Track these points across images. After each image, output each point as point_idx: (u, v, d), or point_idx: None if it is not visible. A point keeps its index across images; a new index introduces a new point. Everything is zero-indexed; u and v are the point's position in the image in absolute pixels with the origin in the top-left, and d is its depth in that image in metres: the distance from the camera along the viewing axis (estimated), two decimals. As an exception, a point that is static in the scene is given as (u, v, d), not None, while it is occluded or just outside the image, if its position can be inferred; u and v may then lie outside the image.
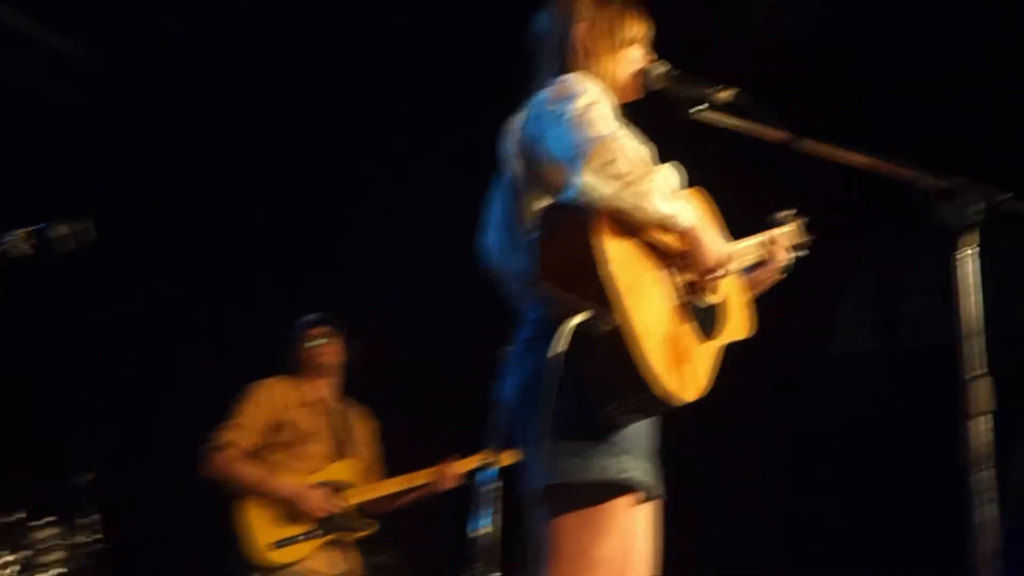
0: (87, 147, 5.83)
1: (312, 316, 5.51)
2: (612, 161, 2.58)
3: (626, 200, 2.60)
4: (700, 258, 2.80)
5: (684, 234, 2.77)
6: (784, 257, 3.28)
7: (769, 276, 3.27)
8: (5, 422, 5.44)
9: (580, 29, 2.90)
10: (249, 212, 6.15)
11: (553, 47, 2.94)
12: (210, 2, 5.46)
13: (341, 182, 6.09)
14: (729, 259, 2.84)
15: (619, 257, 2.63)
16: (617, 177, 2.58)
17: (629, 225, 2.69)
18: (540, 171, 2.80)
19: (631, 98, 2.99)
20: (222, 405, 5.25)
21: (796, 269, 3.35)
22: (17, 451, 5.19)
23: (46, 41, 5.24)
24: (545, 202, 2.79)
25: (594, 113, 2.63)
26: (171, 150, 5.93)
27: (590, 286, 2.58)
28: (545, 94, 2.78)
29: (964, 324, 2.48)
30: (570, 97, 2.69)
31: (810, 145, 2.78)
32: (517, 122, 2.88)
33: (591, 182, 2.58)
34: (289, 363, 5.47)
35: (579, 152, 2.60)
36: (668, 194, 2.67)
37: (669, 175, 2.74)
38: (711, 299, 2.94)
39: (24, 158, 5.64)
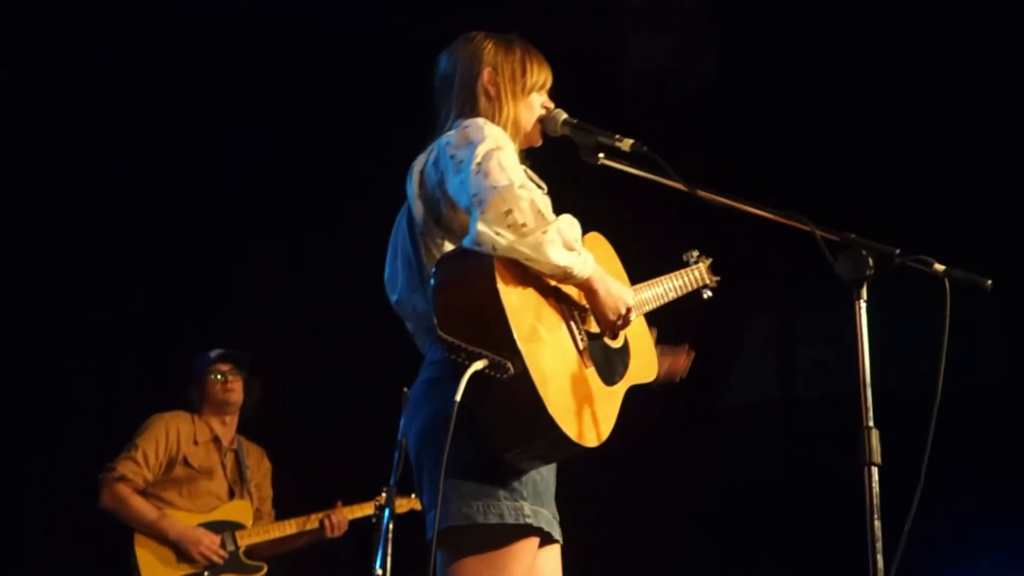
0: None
1: (216, 351, 5.46)
2: (509, 212, 2.58)
3: (521, 251, 2.61)
4: (598, 310, 2.81)
5: (580, 286, 2.78)
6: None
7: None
8: None
9: (484, 74, 2.92)
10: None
11: (457, 90, 2.94)
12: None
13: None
14: (627, 309, 2.84)
15: (516, 305, 2.63)
16: (513, 227, 2.58)
17: (527, 273, 2.69)
18: (441, 215, 2.80)
19: (533, 144, 3.01)
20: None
21: (695, 316, 3.36)
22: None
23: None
24: (446, 246, 2.80)
25: (494, 161, 2.64)
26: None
27: (488, 333, 2.58)
28: (447, 138, 2.78)
29: (859, 376, 2.51)
30: (471, 143, 2.70)
31: (706, 195, 2.81)
32: (420, 164, 2.88)
33: (486, 232, 2.59)
34: (190, 397, 5.42)
35: (476, 201, 2.61)
36: (569, 243, 2.67)
37: (570, 224, 2.75)
38: (613, 344, 2.94)
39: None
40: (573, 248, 2.68)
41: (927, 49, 5.33)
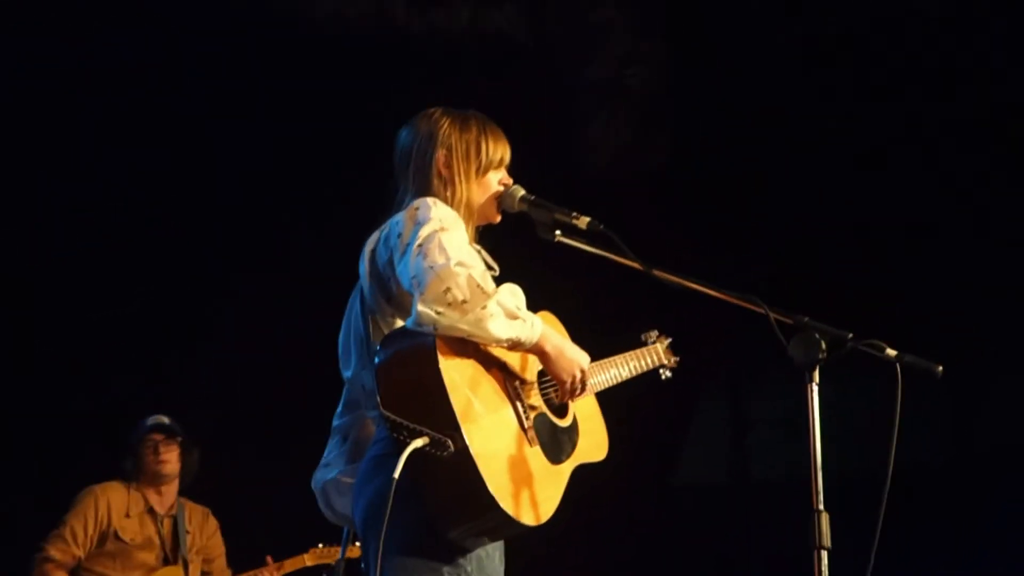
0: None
1: (152, 421, 5.40)
2: (447, 289, 2.60)
3: (462, 328, 2.62)
4: (552, 372, 2.81)
5: (532, 351, 2.78)
6: None
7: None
8: None
9: (439, 156, 2.92)
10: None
11: (412, 168, 2.95)
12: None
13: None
14: (582, 371, 2.83)
15: (458, 381, 2.63)
16: (453, 305, 2.60)
17: (471, 349, 2.71)
18: (391, 294, 2.81)
19: (490, 221, 3.01)
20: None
21: (648, 395, 3.36)
22: None
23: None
24: (397, 323, 2.80)
25: (434, 242, 2.66)
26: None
27: (429, 411, 2.58)
28: (398, 218, 2.80)
29: (810, 458, 2.51)
30: (417, 224, 2.72)
31: (661, 275, 2.82)
32: (372, 242, 2.89)
33: (426, 312, 2.60)
34: (125, 467, 5.36)
35: (415, 283, 2.63)
36: (511, 312, 2.67)
37: (512, 292, 2.76)
38: (561, 422, 2.94)
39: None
40: (517, 316, 2.69)
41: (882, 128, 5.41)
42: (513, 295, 2.74)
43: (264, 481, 5.87)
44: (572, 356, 2.82)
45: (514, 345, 2.72)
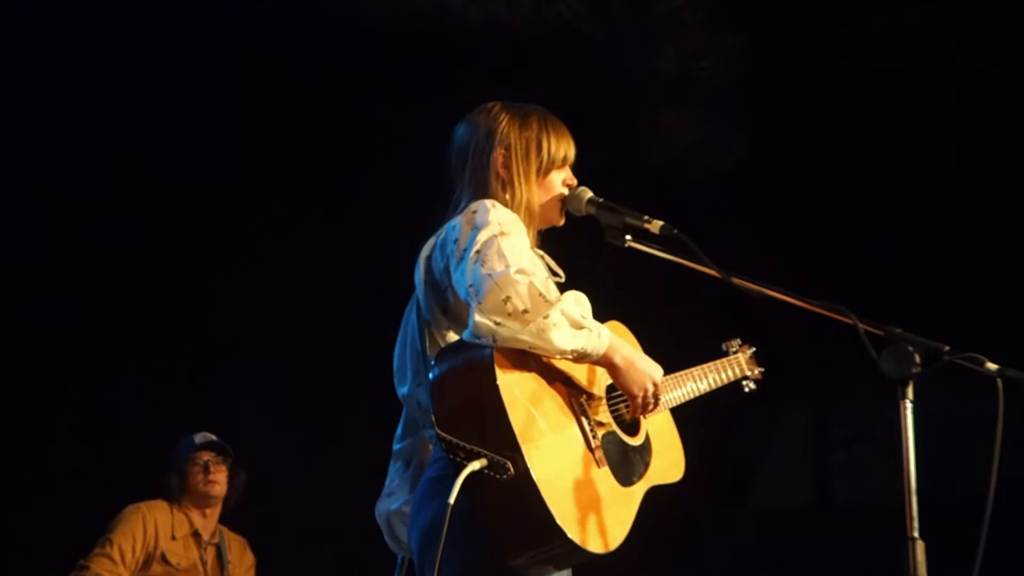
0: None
1: (201, 439, 5.40)
2: (507, 299, 2.57)
3: (524, 340, 2.59)
4: (622, 386, 2.78)
5: (600, 363, 2.75)
6: None
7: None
8: None
9: (496, 156, 2.91)
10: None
11: (469, 168, 2.95)
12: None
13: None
14: (654, 384, 2.80)
15: (518, 398, 2.61)
16: (513, 315, 2.57)
17: (533, 363, 2.68)
18: (448, 304, 2.80)
19: (554, 224, 3.00)
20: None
21: (725, 409, 3.32)
22: None
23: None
24: (451, 336, 2.79)
25: (493, 248, 2.64)
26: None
27: (487, 430, 2.56)
28: (454, 222, 2.78)
29: (904, 481, 2.46)
30: (475, 229, 2.70)
31: (740, 282, 2.79)
32: (428, 248, 2.88)
33: (484, 323, 2.58)
34: (169, 486, 5.36)
35: (472, 291, 2.61)
36: (576, 322, 2.64)
37: (576, 301, 2.74)
38: (632, 440, 2.91)
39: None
40: (582, 326, 2.66)
41: (970, 132, 5.34)
42: (578, 303, 2.72)
43: (299, 510, 5.90)
44: (643, 368, 2.78)
45: (580, 357, 2.69)
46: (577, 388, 2.80)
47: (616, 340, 2.75)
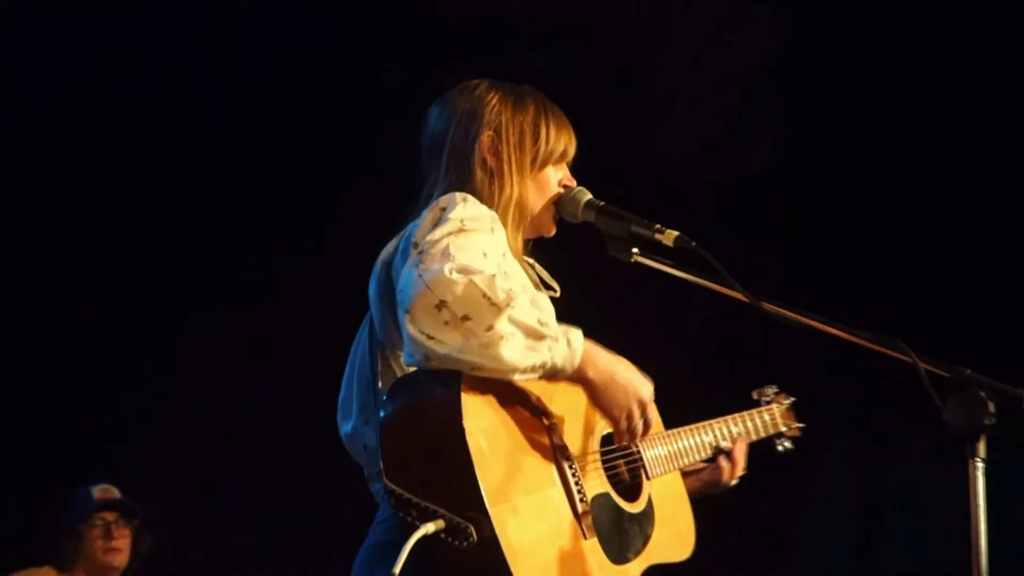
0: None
1: (100, 494, 5.28)
2: (441, 304, 2.45)
3: (465, 359, 2.47)
4: (602, 404, 2.68)
5: (573, 380, 2.64)
6: (743, 460, 3.20)
7: (725, 484, 3.19)
8: None
9: (484, 140, 2.85)
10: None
11: (447, 156, 2.87)
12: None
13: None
14: (641, 404, 2.70)
15: (488, 449, 2.50)
16: (450, 325, 2.45)
17: (511, 401, 2.58)
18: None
19: (543, 233, 2.94)
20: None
21: (752, 471, 3.26)
22: None
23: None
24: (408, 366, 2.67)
25: (439, 247, 2.54)
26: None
27: (448, 485, 2.47)
28: (419, 220, 2.68)
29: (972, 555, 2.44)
30: (435, 227, 2.60)
31: (772, 309, 2.73)
32: (386, 253, 2.78)
33: (417, 338, 2.47)
34: (59, 551, 5.21)
35: (400, 299, 2.51)
36: (532, 330, 2.52)
37: (534, 303, 2.59)
38: (630, 507, 2.83)
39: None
40: (541, 335, 2.53)
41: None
42: (536, 306, 2.57)
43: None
44: (627, 381, 2.69)
45: (544, 373, 2.57)
46: (564, 441, 2.70)
47: (591, 347, 2.64)
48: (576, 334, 2.61)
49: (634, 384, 2.71)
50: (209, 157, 5.78)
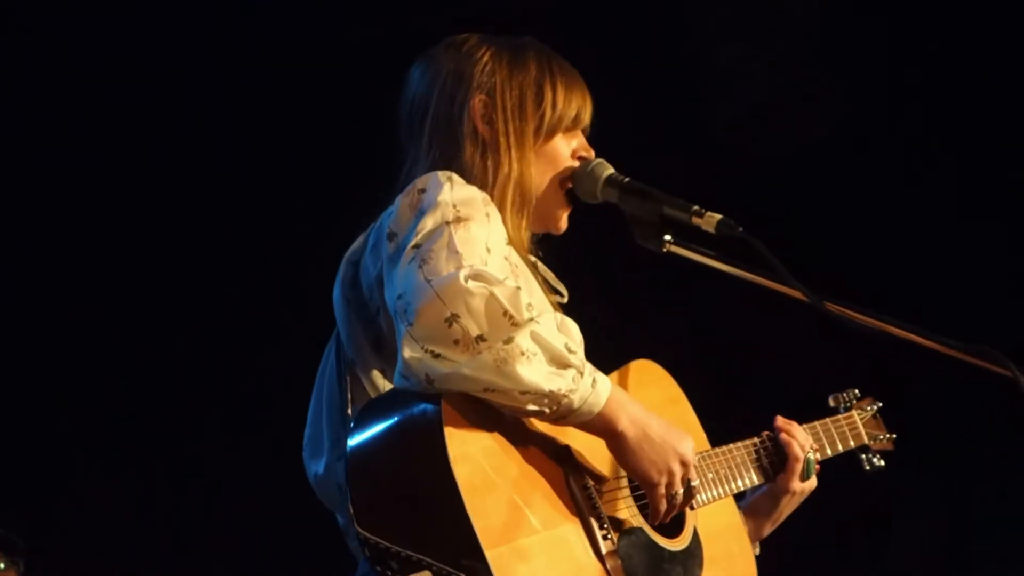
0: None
1: None
2: (452, 318, 2.48)
3: (473, 376, 2.49)
4: (631, 466, 2.71)
5: (592, 428, 2.66)
6: (801, 451, 3.22)
7: (790, 494, 3.22)
8: None
9: (474, 105, 2.88)
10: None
11: (430, 126, 2.91)
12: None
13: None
14: (683, 464, 2.72)
15: (480, 481, 2.53)
16: (461, 345, 2.48)
17: (508, 425, 2.60)
18: (379, 334, 2.74)
19: (552, 226, 2.98)
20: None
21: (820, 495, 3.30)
22: None
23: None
24: (386, 385, 2.72)
25: (442, 241, 2.57)
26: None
27: (434, 529, 2.49)
28: (393, 207, 2.71)
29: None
30: (418, 215, 2.63)
31: (838, 310, 2.76)
32: (354, 251, 2.83)
33: (415, 357, 2.50)
34: None
35: (401, 306, 2.54)
36: (558, 355, 2.55)
37: (563, 325, 2.64)
38: (670, 544, 2.85)
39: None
40: (567, 363, 2.56)
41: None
42: (564, 328, 2.62)
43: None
44: (663, 439, 2.71)
45: (559, 410, 2.59)
46: (581, 464, 2.73)
47: (620, 395, 2.66)
48: (604, 377, 2.64)
49: (672, 440, 2.73)
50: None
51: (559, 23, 3.07)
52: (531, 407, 2.55)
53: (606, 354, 2.90)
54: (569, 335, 2.61)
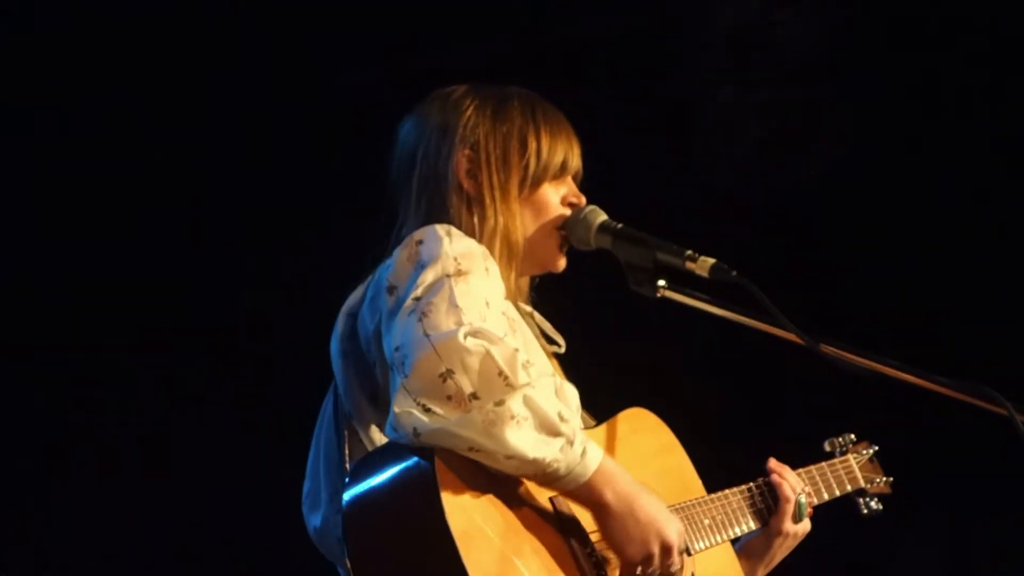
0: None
1: None
2: (447, 374, 2.50)
3: (459, 434, 2.50)
4: (614, 540, 2.71)
5: (577, 497, 2.68)
6: (792, 492, 3.24)
7: (783, 536, 3.22)
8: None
9: (458, 161, 2.90)
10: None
11: (418, 178, 2.93)
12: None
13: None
14: (665, 547, 2.72)
15: (471, 527, 2.54)
16: (453, 401, 2.50)
17: (503, 482, 2.61)
18: (376, 388, 2.75)
19: (547, 268, 3.00)
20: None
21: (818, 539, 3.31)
22: None
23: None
24: (383, 438, 2.73)
25: (442, 295, 2.58)
26: None
27: None
28: (391, 260, 2.74)
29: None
30: (418, 268, 2.65)
31: (834, 352, 2.77)
32: (352, 302, 2.85)
33: (404, 411, 2.51)
34: None
35: (399, 358, 2.55)
36: (549, 423, 2.56)
37: (560, 392, 2.67)
38: None
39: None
40: (558, 431, 2.58)
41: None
42: (560, 396, 2.65)
43: None
44: (649, 515, 2.71)
45: (545, 477, 2.61)
46: (574, 519, 2.74)
47: (610, 466, 2.67)
48: (594, 446, 2.65)
49: (659, 523, 2.73)
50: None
51: (553, 67, 3.07)
52: (515, 472, 2.59)
53: (601, 400, 2.92)
54: (565, 402, 2.65)
